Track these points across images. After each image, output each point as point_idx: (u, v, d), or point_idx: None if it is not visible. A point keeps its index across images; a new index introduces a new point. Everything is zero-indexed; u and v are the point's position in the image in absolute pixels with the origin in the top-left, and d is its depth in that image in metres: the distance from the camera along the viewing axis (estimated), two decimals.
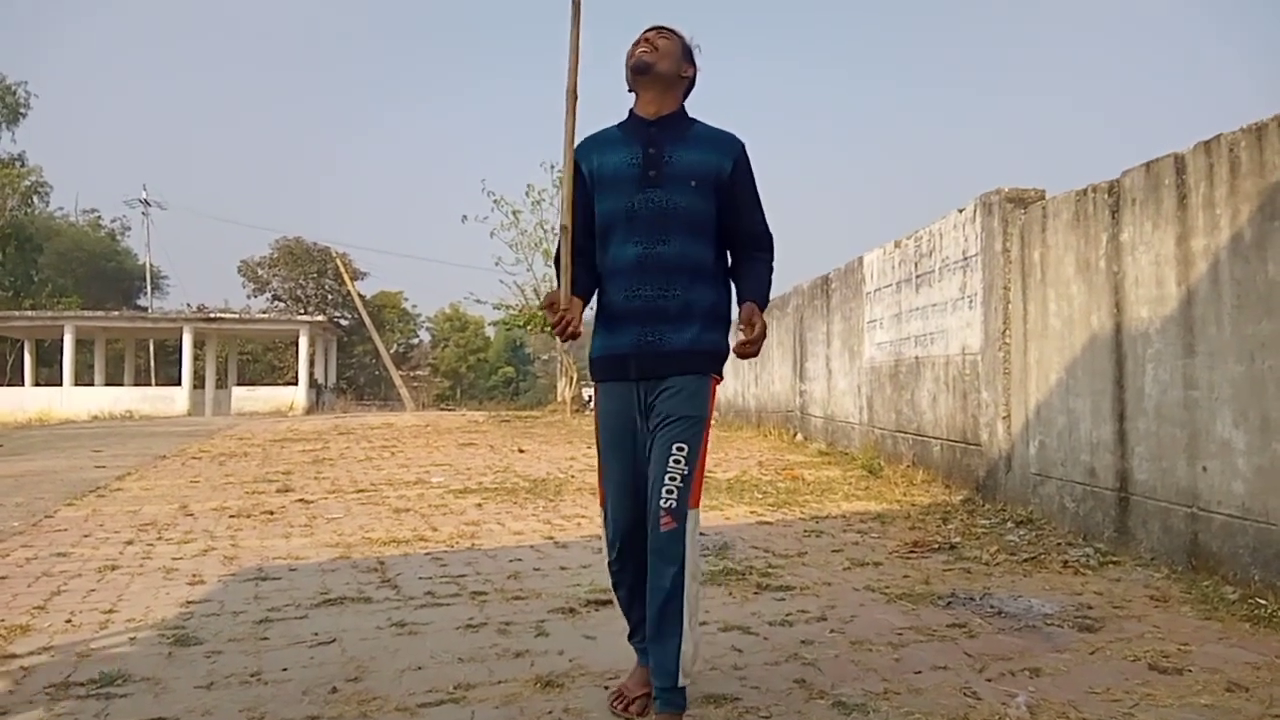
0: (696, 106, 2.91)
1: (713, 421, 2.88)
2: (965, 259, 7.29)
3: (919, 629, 3.74)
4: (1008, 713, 2.78)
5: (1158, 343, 4.84)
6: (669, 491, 2.60)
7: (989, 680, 3.11)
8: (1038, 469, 6.08)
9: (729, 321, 2.87)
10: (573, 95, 2.70)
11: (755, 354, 2.68)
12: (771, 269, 2.89)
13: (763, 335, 2.68)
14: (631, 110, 2.87)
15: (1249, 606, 3.89)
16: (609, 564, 2.86)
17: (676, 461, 2.63)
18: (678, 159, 2.72)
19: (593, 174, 2.79)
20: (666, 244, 2.69)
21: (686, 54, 2.85)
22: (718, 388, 2.85)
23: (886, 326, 9.16)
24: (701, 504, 2.74)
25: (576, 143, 2.76)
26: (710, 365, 2.77)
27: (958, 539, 5.57)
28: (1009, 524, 5.92)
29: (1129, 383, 5.09)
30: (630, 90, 2.87)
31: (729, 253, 2.90)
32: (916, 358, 8.31)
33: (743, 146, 2.84)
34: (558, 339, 2.58)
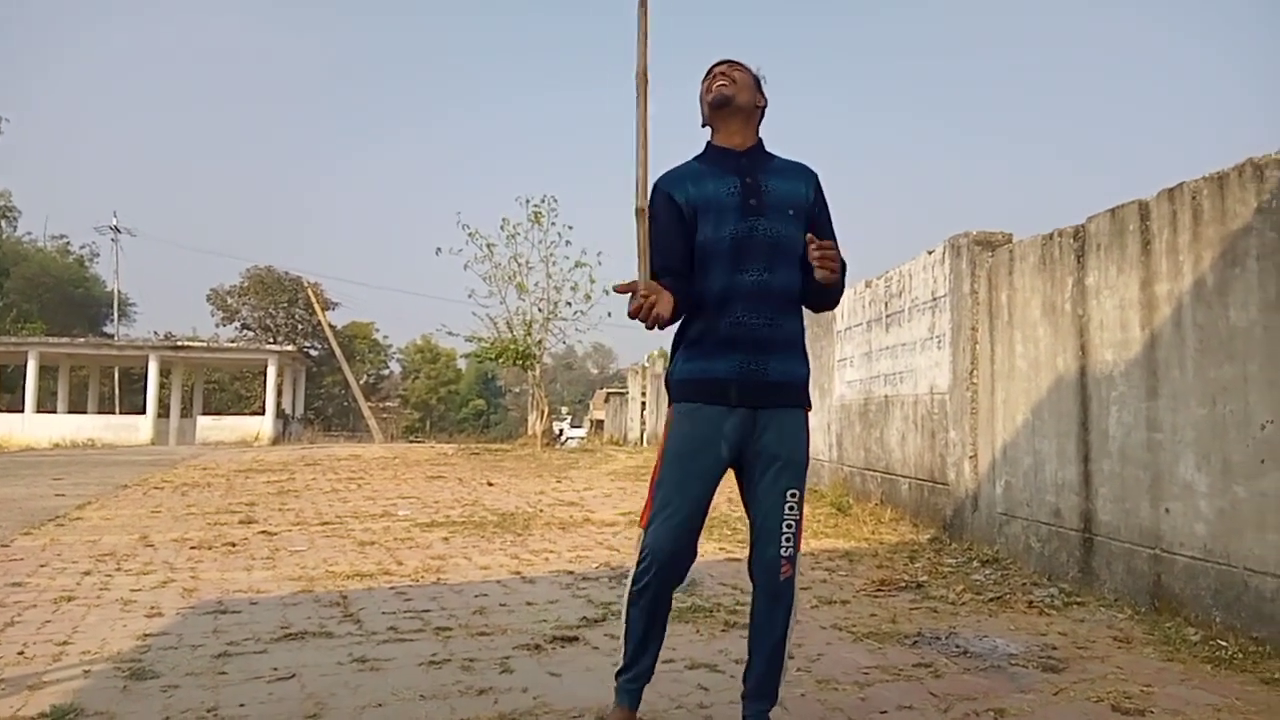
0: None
1: None
2: (934, 300, 7.37)
3: (885, 668, 3.73)
4: None
5: (1121, 385, 4.91)
6: (787, 540, 2.69)
7: None
8: (1004, 509, 6.11)
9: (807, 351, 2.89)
10: (643, 78, 2.67)
11: (834, 265, 2.65)
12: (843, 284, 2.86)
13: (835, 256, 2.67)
14: (710, 143, 2.88)
15: (1210, 648, 3.92)
16: (637, 589, 2.74)
17: (791, 509, 2.70)
18: (773, 188, 2.75)
19: (690, 202, 2.75)
20: (773, 273, 2.71)
21: (758, 84, 2.89)
22: None
23: (857, 365, 9.22)
24: None
25: (652, 179, 2.75)
26: (808, 399, 2.83)
27: (925, 578, 5.58)
28: (975, 563, 5.94)
29: (1093, 424, 5.15)
30: (706, 124, 2.89)
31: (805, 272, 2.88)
32: (886, 396, 8.36)
33: (818, 175, 2.90)
34: (645, 326, 2.51)
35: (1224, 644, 3.92)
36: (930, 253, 7.50)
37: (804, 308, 2.85)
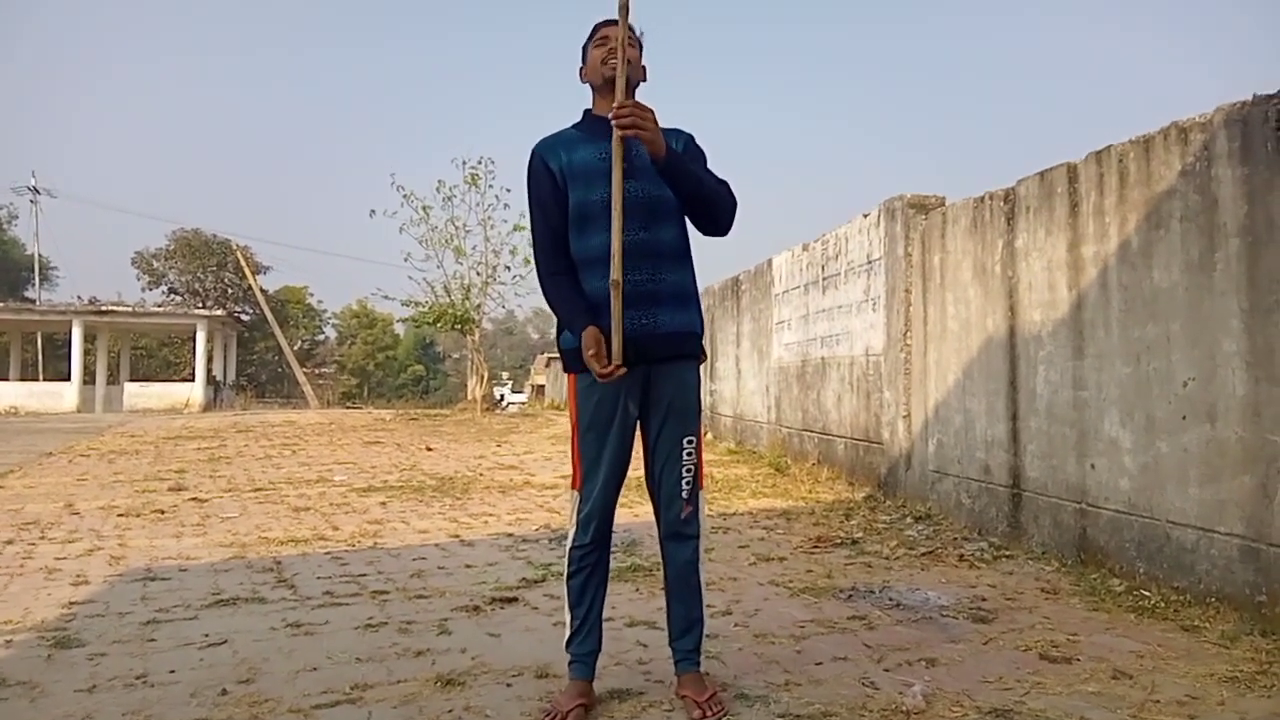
0: None
1: None
2: (869, 263, 7.43)
3: (820, 622, 3.79)
4: (904, 702, 2.83)
5: (1049, 345, 5.01)
6: (686, 483, 2.86)
7: (887, 670, 3.17)
8: (936, 466, 6.23)
9: (700, 302, 2.97)
10: (620, 144, 2.67)
11: (634, 123, 2.59)
12: (725, 186, 2.85)
13: (639, 112, 2.61)
14: (589, 111, 2.91)
15: (1134, 598, 4.05)
16: (577, 548, 2.84)
17: (689, 454, 2.85)
18: (643, 152, 2.75)
19: (562, 170, 2.81)
20: (648, 230, 2.77)
21: (640, 52, 2.89)
22: None
23: (794, 327, 9.29)
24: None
25: (537, 142, 2.85)
26: (700, 348, 2.94)
27: (859, 534, 5.67)
28: (909, 519, 6.05)
29: (1022, 383, 5.25)
30: (590, 84, 2.89)
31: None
32: (823, 358, 8.44)
33: (693, 135, 2.94)
34: (602, 380, 2.66)
35: (1147, 594, 4.06)
36: (866, 216, 7.55)
37: (700, 229, 2.89)
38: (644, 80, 2.92)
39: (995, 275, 5.56)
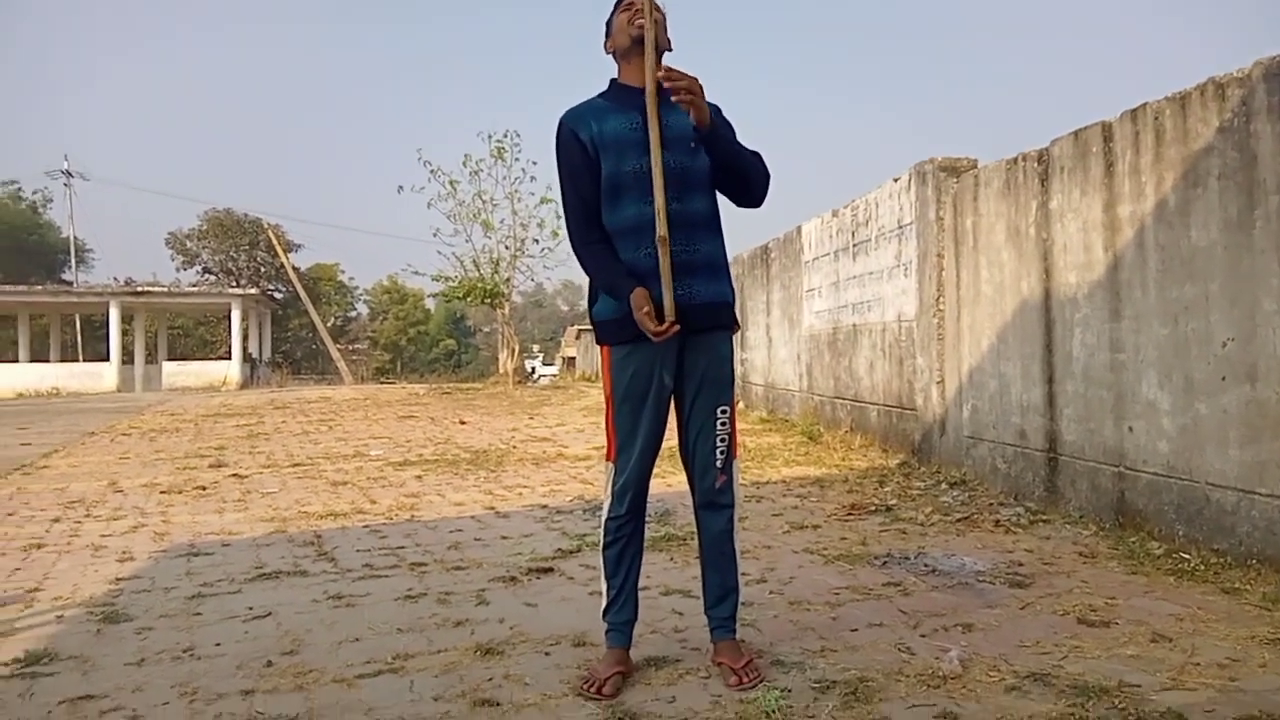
0: None
1: None
2: (900, 227, 7.36)
3: (855, 588, 3.79)
4: (941, 667, 2.83)
5: (1085, 307, 4.95)
6: (721, 452, 2.87)
7: (923, 636, 3.17)
8: (971, 432, 6.19)
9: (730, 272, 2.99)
10: (654, 97, 2.68)
11: (690, 89, 2.63)
12: (758, 157, 2.89)
13: (690, 80, 2.64)
14: (615, 81, 2.90)
15: (1173, 561, 4.01)
16: (612, 519, 2.86)
17: (723, 424, 2.86)
18: (674, 122, 2.78)
19: (593, 140, 2.79)
20: (681, 201, 2.77)
21: (666, 22, 2.89)
22: None
23: (825, 295, 9.24)
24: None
25: (564, 112, 2.84)
26: (735, 319, 2.96)
27: (894, 501, 5.66)
28: (943, 485, 6.03)
29: (1057, 347, 5.20)
30: (616, 55, 2.89)
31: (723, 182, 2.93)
32: (854, 325, 8.39)
33: (719, 106, 2.91)
34: (656, 340, 2.67)
35: (1186, 556, 4.02)
36: (896, 180, 7.47)
37: (734, 201, 2.94)
38: (670, 49, 2.89)
39: (1029, 237, 5.49)
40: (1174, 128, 4.31)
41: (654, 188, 2.69)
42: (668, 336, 2.66)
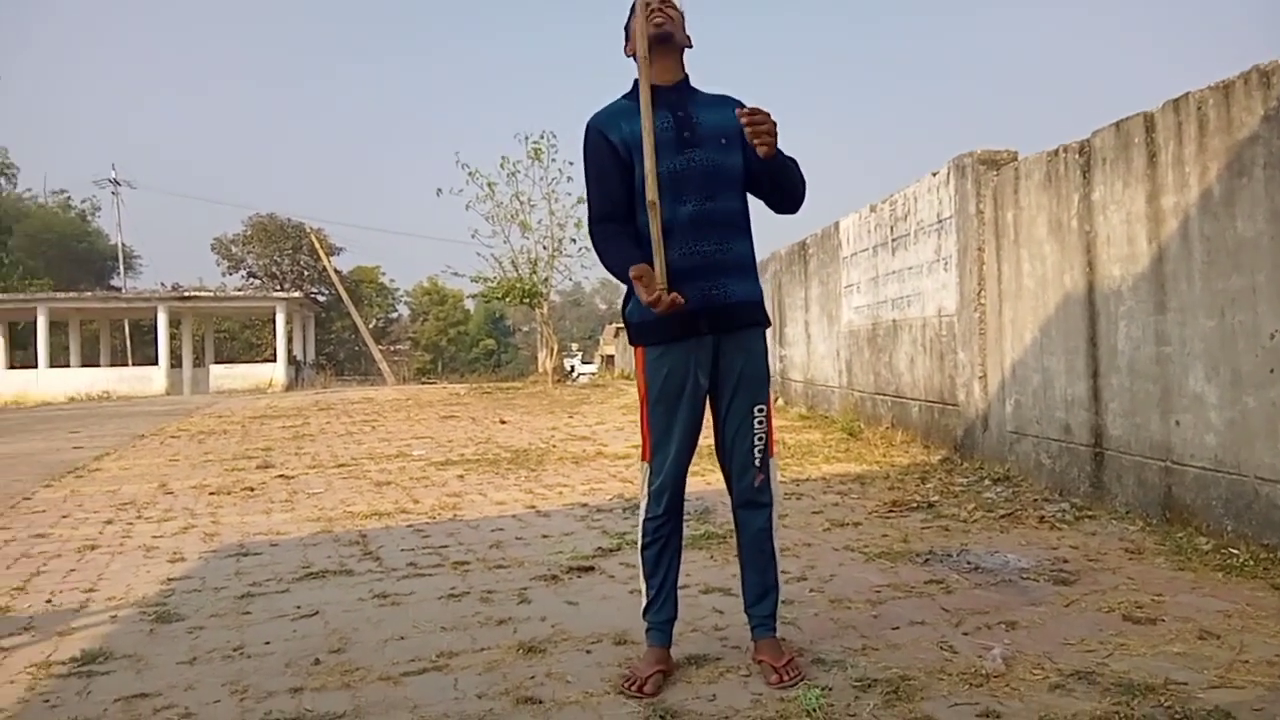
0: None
1: None
2: (940, 221, 7.30)
3: (897, 586, 3.78)
4: (984, 665, 2.82)
5: (1130, 300, 4.88)
6: (759, 451, 2.87)
7: (965, 634, 3.15)
8: (1014, 427, 6.13)
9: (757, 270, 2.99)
10: (646, 61, 2.72)
11: (769, 136, 2.64)
12: (795, 163, 2.89)
13: (771, 124, 2.66)
14: (637, 82, 2.87)
15: (1221, 556, 3.95)
16: (650, 519, 2.86)
17: (760, 423, 2.87)
18: (705, 119, 2.81)
19: (625, 141, 2.80)
20: (714, 200, 2.78)
21: (684, 21, 2.92)
22: None
23: (864, 290, 9.19)
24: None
25: (591, 116, 2.86)
26: (767, 317, 2.96)
27: (936, 498, 5.62)
28: (986, 481, 5.98)
29: (1102, 340, 5.13)
30: (633, 55, 2.88)
31: (757, 186, 2.94)
32: (894, 320, 8.34)
33: (744, 103, 2.90)
34: (658, 312, 2.63)
35: (1235, 552, 3.96)
36: (935, 174, 7.41)
37: (773, 208, 2.94)
38: (689, 46, 2.92)
39: (1071, 230, 5.42)
40: (1217, 117, 4.24)
41: (644, 150, 2.69)
42: (661, 308, 2.59)
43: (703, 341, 2.76)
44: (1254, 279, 4.02)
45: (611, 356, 40.52)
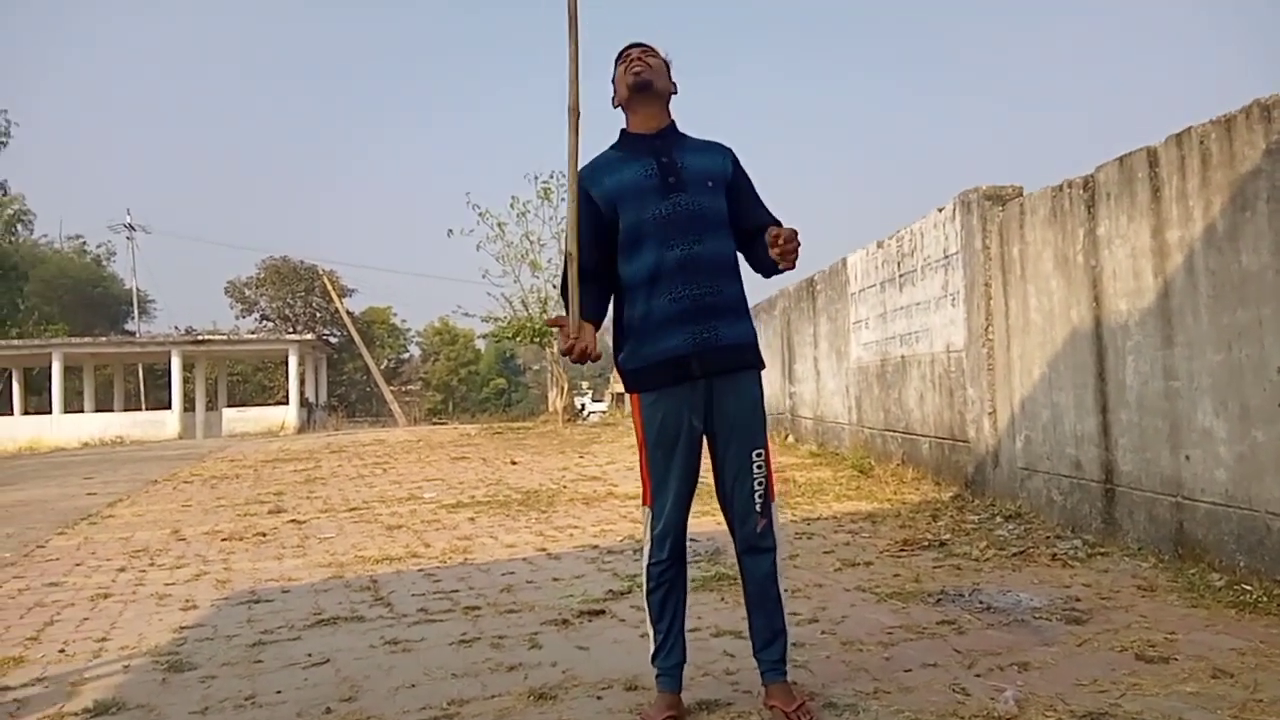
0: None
1: None
2: (946, 257, 7.33)
3: (909, 627, 3.76)
4: (996, 708, 2.80)
5: (1137, 335, 4.89)
6: (759, 496, 2.86)
7: (978, 676, 3.14)
8: (1025, 463, 6.12)
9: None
10: (574, 113, 2.80)
11: (796, 251, 2.71)
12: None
13: (797, 245, 2.72)
14: (625, 131, 2.97)
15: (1234, 593, 3.93)
16: (654, 564, 2.87)
17: (759, 467, 2.86)
18: (690, 164, 2.86)
19: (606, 195, 2.84)
20: (702, 243, 2.81)
21: (668, 69, 2.98)
22: None
23: (872, 326, 9.21)
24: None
25: (579, 168, 2.87)
26: (760, 359, 2.96)
27: (947, 536, 5.60)
28: (998, 519, 5.95)
29: (1110, 375, 5.13)
30: (619, 106, 2.97)
31: (747, 243, 2.99)
32: (902, 356, 8.35)
33: (734, 151, 3.01)
34: (570, 361, 2.68)
35: (1248, 588, 3.93)
36: (941, 210, 7.45)
37: (758, 270, 2.99)
38: (675, 92, 2.99)
39: (1077, 265, 5.44)
40: (1220, 151, 4.27)
41: (568, 203, 2.80)
42: (574, 354, 2.71)
43: (696, 386, 2.78)
44: (1260, 312, 4.03)
45: (622, 395, 40.51)
